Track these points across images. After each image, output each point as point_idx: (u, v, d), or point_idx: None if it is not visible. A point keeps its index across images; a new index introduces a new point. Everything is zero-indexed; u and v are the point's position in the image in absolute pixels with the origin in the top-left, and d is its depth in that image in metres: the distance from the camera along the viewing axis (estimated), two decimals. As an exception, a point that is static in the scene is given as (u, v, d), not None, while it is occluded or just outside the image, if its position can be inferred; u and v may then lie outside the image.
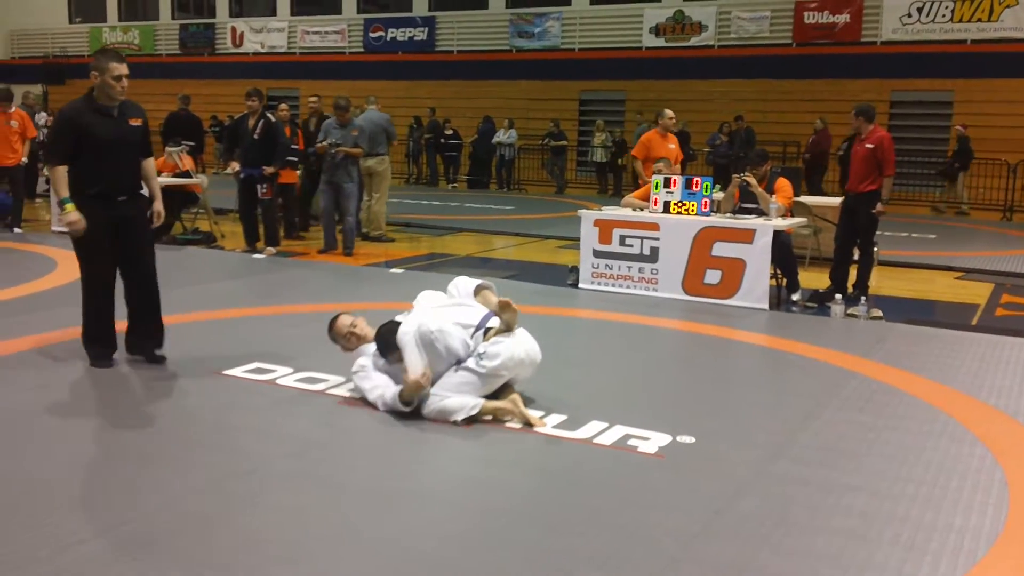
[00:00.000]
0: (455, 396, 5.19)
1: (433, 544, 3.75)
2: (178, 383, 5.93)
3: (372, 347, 5.59)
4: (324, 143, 11.77)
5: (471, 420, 5.17)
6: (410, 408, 5.25)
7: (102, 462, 4.55)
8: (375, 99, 14.08)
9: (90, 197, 5.97)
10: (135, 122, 6.18)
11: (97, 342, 6.31)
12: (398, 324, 5.43)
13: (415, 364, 5.16)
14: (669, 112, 11.68)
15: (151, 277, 6.40)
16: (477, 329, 5.37)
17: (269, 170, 11.46)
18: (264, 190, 11.48)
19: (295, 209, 13.59)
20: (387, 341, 5.41)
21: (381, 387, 5.41)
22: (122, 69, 5.97)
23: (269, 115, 11.76)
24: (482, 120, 24.75)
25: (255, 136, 11.38)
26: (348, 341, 5.77)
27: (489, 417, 5.23)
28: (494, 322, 5.42)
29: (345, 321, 5.82)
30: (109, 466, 4.49)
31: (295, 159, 12.76)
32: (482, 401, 5.24)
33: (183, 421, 5.20)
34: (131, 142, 6.18)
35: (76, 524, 3.82)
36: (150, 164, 6.49)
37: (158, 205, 6.43)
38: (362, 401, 5.52)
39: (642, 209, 9.79)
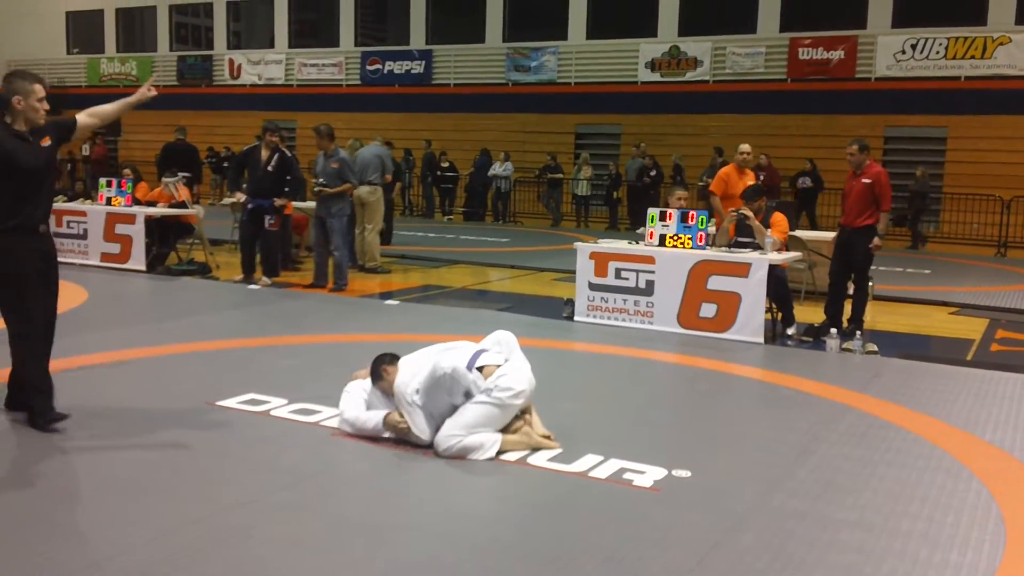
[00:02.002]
0: (474, 434, 5.16)
1: (427, 578, 3.73)
2: (171, 414, 5.89)
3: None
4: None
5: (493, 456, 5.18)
6: (387, 436, 5.34)
7: (94, 493, 4.51)
8: (381, 139, 14.30)
9: (12, 230, 5.42)
10: (46, 142, 5.63)
11: (45, 395, 5.60)
12: (392, 356, 5.51)
13: (405, 415, 5.25)
14: (744, 147, 11.07)
15: (55, 317, 5.90)
16: (470, 369, 5.34)
17: (280, 201, 11.51)
18: (272, 221, 11.53)
19: (291, 240, 13.63)
20: (375, 370, 5.51)
21: (354, 410, 5.52)
22: (43, 91, 5.53)
23: (284, 149, 11.82)
24: (479, 153, 24.83)
25: (268, 168, 11.43)
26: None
27: (508, 453, 5.23)
28: (484, 359, 5.40)
29: (358, 375, 5.85)
30: (101, 497, 4.46)
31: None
32: (501, 437, 5.22)
33: (176, 452, 5.16)
34: (50, 164, 5.72)
35: (68, 556, 3.79)
36: (86, 119, 5.96)
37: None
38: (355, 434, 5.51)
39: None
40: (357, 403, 5.56)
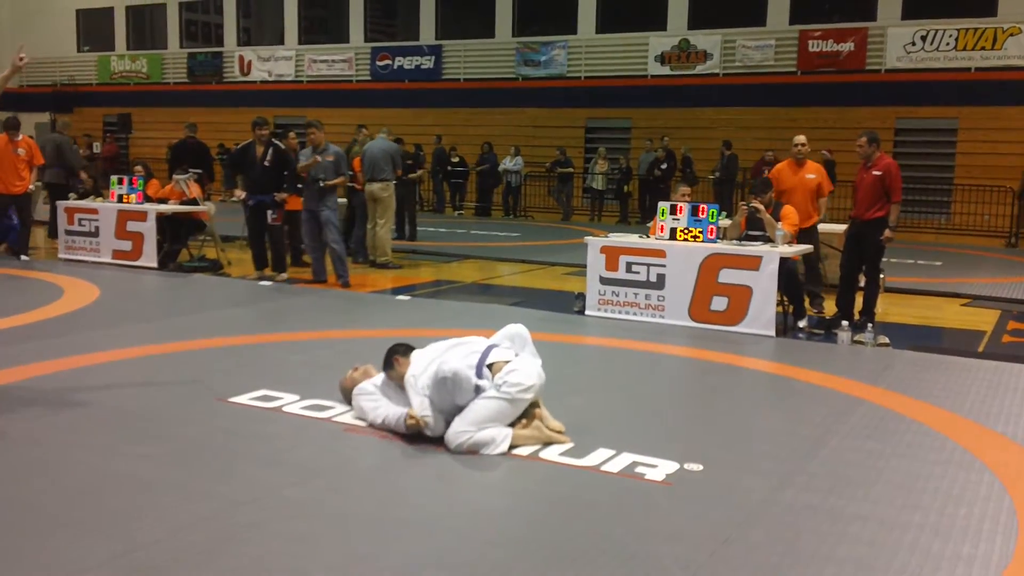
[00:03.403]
0: (485, 429, 5.16)
1: (439, 574, 3.73)
2: (183, 410, 5.92)
3: (380, 378, 5.70)
4: (306, 164, 11.60)
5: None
6: (408, 432, 5.33)
7: (106, 490, 4.53)
8: (388, 130, 14.20)
9: None
10: None
11: None
12: (407, 347, 5.57)
13: (416, 405, 5.26)
14: (797, 138, 10.41)
15: None
16: (480, 366, 5.36)
17: (281, 196, 11.53)
18: (274, 216, 11.55)
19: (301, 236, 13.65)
20: (388, 359, 5.57)
21: (383, 407, 5.52)
22: None
23: (278, 143, 11.81)
24: (486, 149, 24.74)
25: (265, 163, 11.44)
26: (363, 378, 5.82)
27: (519, 448, 5.23)
28: (495, 355, 5.42)
29: (353, 375, 5.87)
30: (113, 494, 4.48)
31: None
32: (511, 431, 5.22)
33: (187, 449, 5.18)
34: None
35: (80, 552, 3.81)
36: None
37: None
38: (367, 428, 5.53)
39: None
40: (375, 403, 5.59)
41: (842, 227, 10.47)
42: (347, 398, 5.89)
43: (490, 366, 5.33)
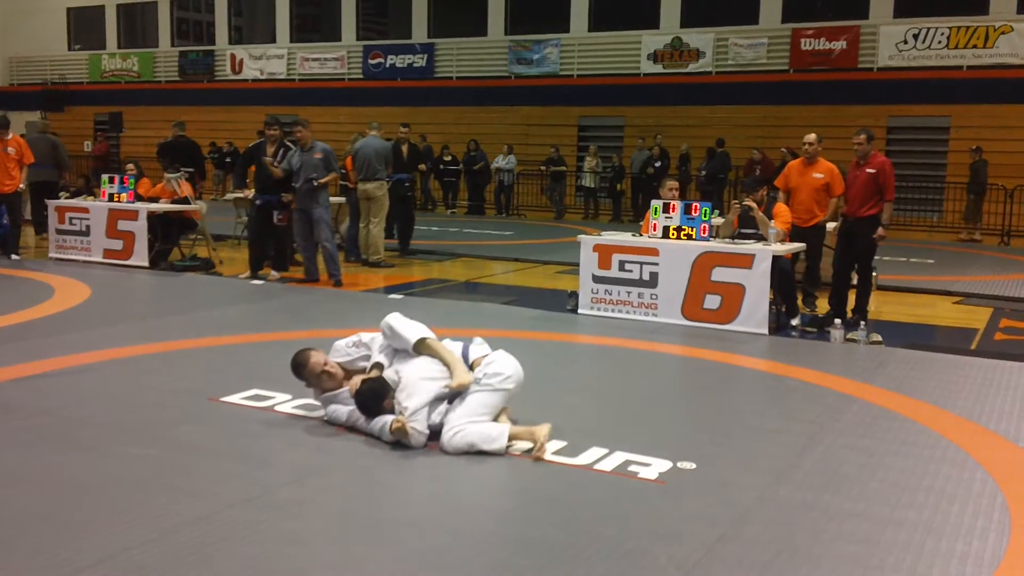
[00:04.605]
0: (478, 423, 5.15)
1: (434, 574, 3.72)
2: (175, 410, 5.89)
3: (343, 393, 5.55)
4: (278, 166, 11.44)
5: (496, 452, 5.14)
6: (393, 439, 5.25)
7: (99, 490, 4.51)
8: (378, 125, 14.02)
9: None
10: None
11: None
12: (385, 386, 5.37)
13: (411, 408, 5.19)
14: (806, 137, 10.09)
15: None
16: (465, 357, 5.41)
17: (288, 197, 11.50)
18: (280, 216, 11.54)
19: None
20: (376, 408, 5.35)
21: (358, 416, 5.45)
22: None
23: (288, 143, 11.78)
24: (472, 147, 24.64)
25: (274, 164, 11.41)
26: (321, 381, 5.60)
27: (516, 445, 5.20)
28: (474, 352, 5.46)
29: (319, 359, 5.59)
30: (106, 494, 4.46)
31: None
32: (507, 427, 5.21)
33: (179, 449, 5.16)
34: None
35: (74, 552, 3.79)
36: None
37: None
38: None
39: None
40: (345, 409, 5.56)
41: (833, 225, 10.48)
42: (305, 379, 5.65)
43: (471, 365, 5.40)
